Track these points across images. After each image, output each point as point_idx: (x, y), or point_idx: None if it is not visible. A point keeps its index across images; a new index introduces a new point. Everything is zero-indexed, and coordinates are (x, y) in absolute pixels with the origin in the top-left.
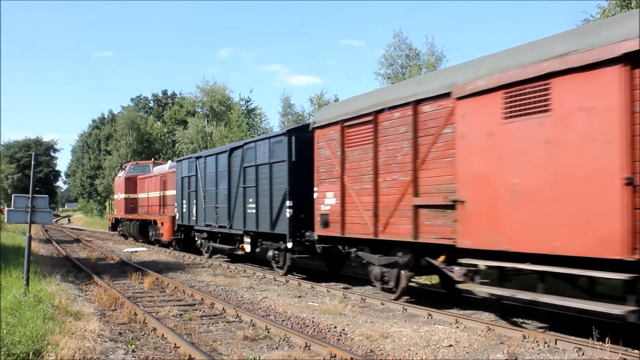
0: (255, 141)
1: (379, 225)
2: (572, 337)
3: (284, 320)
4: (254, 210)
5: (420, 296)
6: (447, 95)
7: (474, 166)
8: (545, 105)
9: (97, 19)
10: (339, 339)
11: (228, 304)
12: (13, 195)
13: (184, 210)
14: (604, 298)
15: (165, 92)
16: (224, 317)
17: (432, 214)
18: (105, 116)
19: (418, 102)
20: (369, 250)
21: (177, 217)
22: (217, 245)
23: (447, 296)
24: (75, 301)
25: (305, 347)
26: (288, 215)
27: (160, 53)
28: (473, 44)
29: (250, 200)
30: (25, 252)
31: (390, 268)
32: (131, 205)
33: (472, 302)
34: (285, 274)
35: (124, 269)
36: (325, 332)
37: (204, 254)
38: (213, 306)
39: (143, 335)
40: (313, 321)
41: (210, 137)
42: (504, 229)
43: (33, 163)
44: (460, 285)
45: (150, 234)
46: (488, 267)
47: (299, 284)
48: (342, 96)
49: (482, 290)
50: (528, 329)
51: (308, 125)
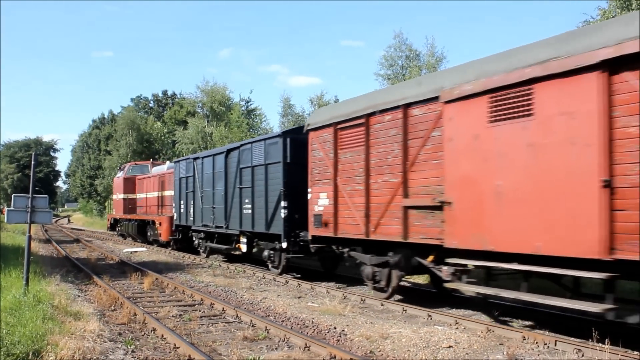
0: (251, 143)
1: (370, 225)
2: (572, 338)
3: (283, 321)
4: (250, 211)
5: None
6: (436, 99)
7: (460, 168)
8: (528, 110)
9: (97, 19)
10: (338, 340)
11: (228, 305)
12: (13, 195)
13: (182, 210)
14: (587, 297)
15: (165, 93)
16: (224, 318)
17: (421, 215)
18: (105, 116)
19: (408, 106)
20: (361, 250)
21: (175, 218)
22: (214, 245)
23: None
24: (74, 301)
25: (304, 348)
26: (283, 215)
27: (161, 53)
28: (473, 44)
29: (247, 200)
30: (25, 252)
31: (382, 268)
32: (130, 205)
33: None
34: (281, 274)
35: (123, 269)
36: (324, 333)
37: (201, 253)
38: (213, 306)
39: (143, 335)
40: (313, 322)
41: (210, 138)
42: (489, 229)
43: (33, 163)
44: (447, 284)
45: (148, 234)
46: (475, 267)
47: (299, 284)
48: (342, 97)
49: (469, 289)
50: (527, 330)
51: (303, 127)
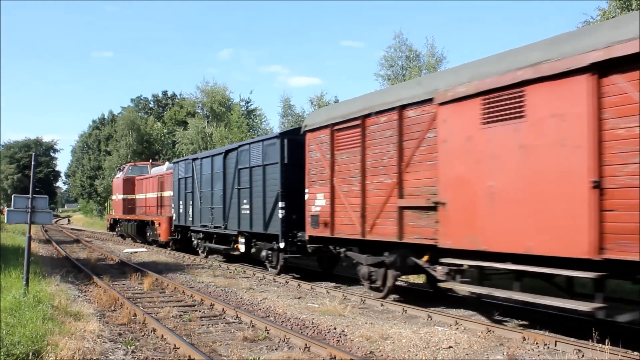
0: (249, 144)
1: (366, 226)
2: (572, 339)
3: (283, 322)
4: (248, 211)
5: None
6: (430, 100)
7: (454, 169)
8: (520, 112)
9: (97, 19)
10: (338, 340)
11: (228, 305)
12: (13, 196)
13: (181, 211)
14: (579, 296)
15: (165, 93)
16: (224, 318)
17: (416, 215)
18: (105, 117)
19: (403, 107)
20: (357, 250)
21: (174, 218)
22: (213, 245)
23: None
24: (74, 302)
25: (304, 348)
26: (280, 216)
27: (161, 53)
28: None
29: (245, 201)
30: (25, 253)
31: (378, 267)
32: (129, 206)
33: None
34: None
35: (123, 269)
36: (325, 334)
37: (200, 254)
38: (213, 307)
39: (143, 336)
40: (313, 322)
41: (210, 138)
42: (482, 229)
43: (33, 163)
44: (442, 284)
45: (147, 234)
46: (469, 267)
47: (299, 285)
48: (342, 97)
49: (463, 288)
50: (528, 331)
51: (300, 128)
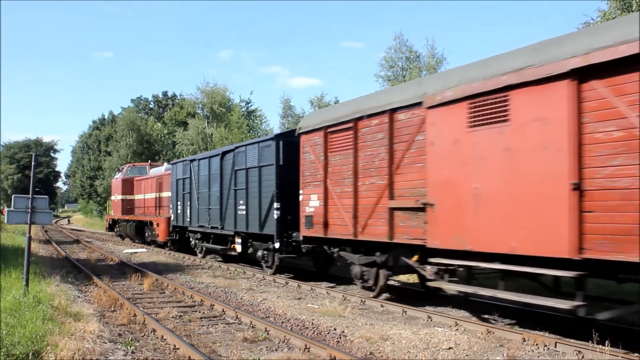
0: (246, 145)
1: (358, 226)
2: (572, 340)
3: (283, 322)
4: (244, 212)
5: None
6: (419, 104)
7: (442, 171)
8: (505, 116)
9: (97, 19)
10: (338, 341)
11: (228, 306)
12: (13, 196)
13: (179, 211)
14: (564, 295)
15: (165, 94)
16: (224, 319)
17: (406, 216)
18: (106, 117)
19: (394, 111)
20: (350, 250)
21: (172, 218)
22: (210, 245)
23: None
24: (74, 302)
25: (304, 349)
26: (276, 216)
27: (161, 54)
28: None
29: (241, 202)
30: (25, 253)
31: (370, 267)
32: (128, 206)
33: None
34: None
35: (123, 270)
36: (324, 334)
37: (197, 254)
38: (213, 308)
39: (142, 336)
40: (313, 323)
41: (211, 139)
42: (468, 230)
43: (33, 164)
44: (430, 283)
45: (146, 234)
46: (457, 266)
47: (299, 285)
48: (342, 98)
49: (451, 287)
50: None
51: (295, 130)
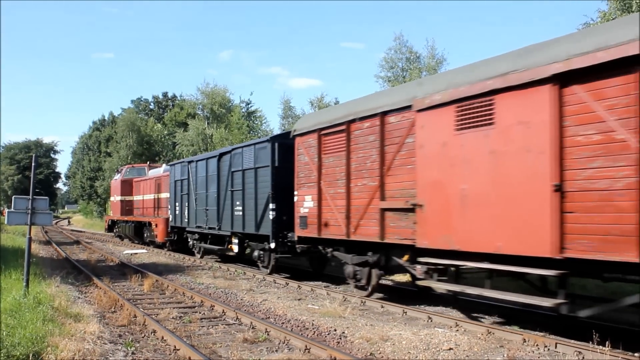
0: (242, 147)
1: (351, 226)
2: (572, 341)
3: (283, 323)
4: (241, 213)
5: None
6: (409, 107)
7: (430, 173)
8: (490, 119)
9: (97, 19)
10: (338, 342)
11: (228, 307)
12: (13, 197)
13: (177, 212)
14: (550, 293)
15: (165, 94)
16: (224, 320)
17: (396, 217)
18: (106, 118)
19: (385, 114)
20: (343, 250)
21: (171, 219)
22: (208, 245)
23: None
24: (75, 303)
25: (305, 350)
26: (271, 217)
27: (161, 55)
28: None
29: (238, 202)
30: (25, 254)
31: (362, 267)
32: (127, 207)
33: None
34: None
35: (123, 270)
36: (325, 335)
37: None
38: (213, 308)
39: (143, 337)
40: (313, 324)
41: (211, 140)
42: (455, 230)
43: (33, 165)
44: (420, 282)
45: (145, 235)
46: (445, 265)
47: (299, 286)
48: (343, 99)
49: (439, 286)
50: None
51: (290, 132)
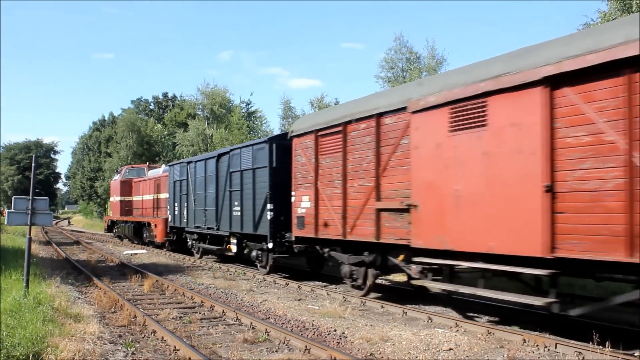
0: (240, 148)
1: (347, 227)
2: (572, 341)
3: (283, 323)
4: (239, 213)
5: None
6: (404, 109)
7: (425, 174)
8: (483, 120)
9: (97, 19)
10: (338, 342)
11: (228, 307)
12: (13, 197)
13: (176, 212)
14: (543, 293)
15: (165, 95)
16: (224, 320)
17: (392, 217)
18: (106, 118)
19: (381, 115)
20: (340, 250)
21: (170, 219)
22: (207, 246)
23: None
24: (75, 303)
25: (305, 350)
26: (269, 217)
27: (161, 55)
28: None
29: (236, 203)
30: (25, 254)
31: (359, 266)
32: (126, 207)
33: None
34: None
35: (123, 271)
36: (325, 335)
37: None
38: (213, 309)
39: (143, 337)
40: (313, 324)
41: (211, 140)
42: (449, 230)
43: (33, 165)
44: (415, 282)
45: (144, 235)
46: (439, 265)
47: (299, 286)
48: (343, 99)
49: (434, 285)
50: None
51: (288, 133)
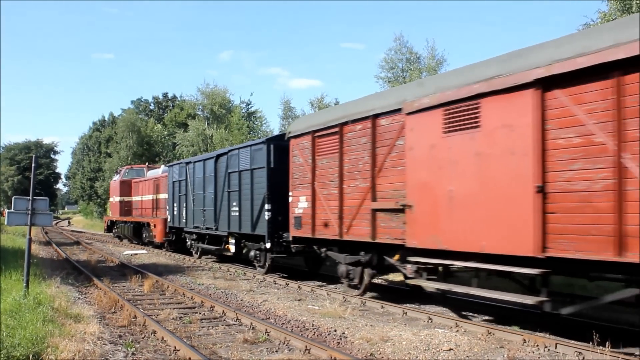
0: (239, 148)
1: (344, 227)
2: (573, 341)
3: (283, 324)
4: (237, 213)
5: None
6: (400, 110)
7: (419, 174)
8: (476, 122)
9: (98, 19)
10: (339, 343)
11: (228, 307)
12: (13, 198)
13: (175, 212)
14: (535, 292)
15: (165, 95)
16: (224, 320)
17: (387, 217)
18: (106, 118)
19: (376, 116)
20: (337, 250)
21: (169, 220)
22: (205, 246)
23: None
24: (75, 304)
25: (305, 351)
26: (267, 217)
27: (161, 55)
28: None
29: (234, 203)
30: (25, 255)
31: (355, 266)
32: (126, 207)
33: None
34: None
35: (123, 271)
36: (325, 336)
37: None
38: (213, 309)
39: (143, 338)
40: (313, 324)
41: (211, 140)
42: (443, 230)
43: (33, 165)
44: (410, 281)
45: (143, 235)
46: (433, 265)
47: (299, 287)
48: (343, 99)
49: (429, 285)
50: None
51: (285, 134)
